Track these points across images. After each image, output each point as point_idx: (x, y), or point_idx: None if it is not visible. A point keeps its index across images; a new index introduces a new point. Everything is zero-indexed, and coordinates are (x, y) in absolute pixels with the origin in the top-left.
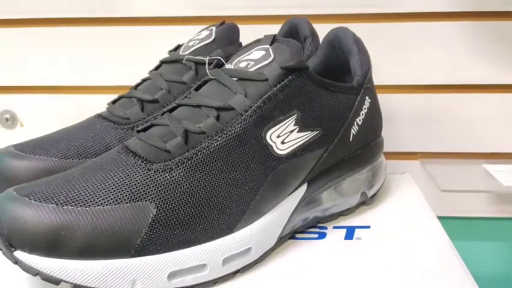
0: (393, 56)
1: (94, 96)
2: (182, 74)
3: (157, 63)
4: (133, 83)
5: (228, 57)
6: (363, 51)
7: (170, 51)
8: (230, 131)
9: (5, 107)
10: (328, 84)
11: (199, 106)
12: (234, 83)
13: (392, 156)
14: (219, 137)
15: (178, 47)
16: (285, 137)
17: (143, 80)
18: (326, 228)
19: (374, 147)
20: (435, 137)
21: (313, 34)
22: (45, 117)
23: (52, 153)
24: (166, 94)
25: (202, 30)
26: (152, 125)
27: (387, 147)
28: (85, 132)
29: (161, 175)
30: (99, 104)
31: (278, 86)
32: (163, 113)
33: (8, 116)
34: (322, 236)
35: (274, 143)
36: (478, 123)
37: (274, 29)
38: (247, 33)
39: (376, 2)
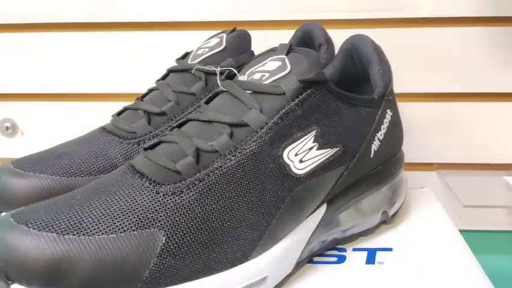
0: (410, 63)
1: (97, 103)
2: (191, 85)
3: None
4: (142, 91)
5: (239, 67)
6: (384, 60)
7: (178, 59)
8: (245, 149)
9: (5, 115)
10: (349, 98)
11: (210, 122)
12: (248, 97)
13: (408, 167)
14: (233, 156)
15: (186, 55)
16: (303, 155)
17: (150, 90)
18: (345, 250)
19: (394, 163)
20: (453, 147)
21: (328, 41)
22: (46, 126)
23: (53, 171)
24: (175, 106)
25: (212, 37)
26: (160, 142)
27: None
28: (88, 147)
29: (170, 198)
30: (104, 112)
31: (296, 100)
32: (172, 128)
33: (8, 124)
34: (341, 259)
35: (292, 161)
36: (498, 132)
37: (286, 35)
38: (256, 40)
39: (394, 6)
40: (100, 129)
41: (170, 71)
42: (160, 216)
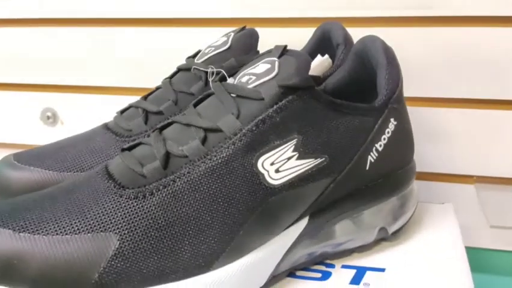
0: (445, 65)
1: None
2: (191, 84)
3: None
4: None
5: (241, 68)
6: (394, 64)
7: (188, 57)
8: (215, 156)
9: (46, 105)
10: (340, 106)
11: (188, 125)
12: (229, 101)
13: (442, 178)
14: (202, 162)
15: (197, 53)
16: (280, 164)
17: (157, 89)
18: (333, 266)
19: (400, 176)
20: (495, 159)
21: (347, 40)
22: (85, 117)
23: (47, 165)
24: (172, 106)
25: (223, 35)
26: (140, 144)
27: (436, 167)
28: (86, 143)
29: (132, 203)
30: None
31: (275, 106)
32: (154, 130)
33: (49, 114)
34: (326, 276)
35: (267, 171)
36: None
37: (305, 34)
38: (272, 39)
39: (427, 2)
40: (102, 126)
41: (179, 69)
42: (118, 220)
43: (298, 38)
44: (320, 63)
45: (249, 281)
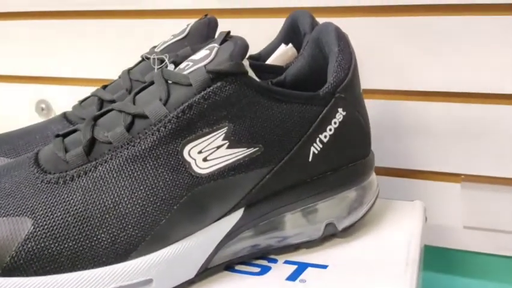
0: (427, 56)
1: None
2: (146, 73)
3: None
4: None
5: None
6: (345, 51)
7: (153, 46)
8: (139, 142)
9: (41, 97)
10: (277, 93)
11: (120, 112)
12: (162, 87)
13: (431, 176)
14: (125, 149)
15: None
16: (208, 153)
17: (119, 77)
18: (275, 261)
19: (352, 170)
20: (484, 157)
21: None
22: None
23: (3, 151)
24: (125, 94)
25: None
26: (75, 130)
27: (420, 165)
28: (42, 131)
29: (51, 187)
30: None
31: (203, 93)
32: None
33: (43, 105)
34: (264, 271)
35: (194, 159)
36: None
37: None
38: (244, 30)
39: None
40: (61, 114)
41: (143, 59)
42: (35, 204)
43: (268, 28)
44: (283, 53)
45: (174, 273)
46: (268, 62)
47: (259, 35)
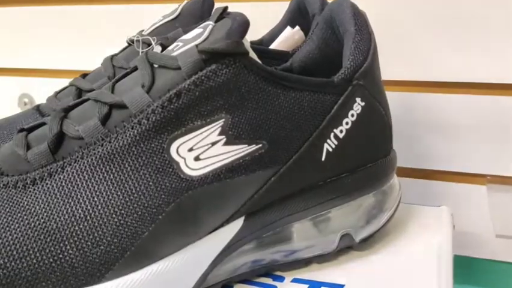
0: (457, 43)
1: None
2: (132, 59)
3: None
4: None
5: None
6: (363, 31)
7: (141, 30)
8: (116, 138)
9: (23, 91)
10: (283, 79)
11: (96, 101)
12: (146, 72)
13: (449, 177)
14: (99, 146)
15: None
16: (201, 151)
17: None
18: (282, 279)
19: (371, 171)
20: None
21: None
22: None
23: None
24: (106, 83)
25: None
26: (43, 124)
27: (441, 164)
28: (11, 125)
29: (8, 193)
30: None
31: (194, 77)
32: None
33: (26, 100)
34: None
35: (183, 159)
36: None
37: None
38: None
39: None
40: (35, 107)
41: (129, 44)
42: None
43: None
44: (289, 36)
45: None
46: (272, 47)
47: (261, 19)
